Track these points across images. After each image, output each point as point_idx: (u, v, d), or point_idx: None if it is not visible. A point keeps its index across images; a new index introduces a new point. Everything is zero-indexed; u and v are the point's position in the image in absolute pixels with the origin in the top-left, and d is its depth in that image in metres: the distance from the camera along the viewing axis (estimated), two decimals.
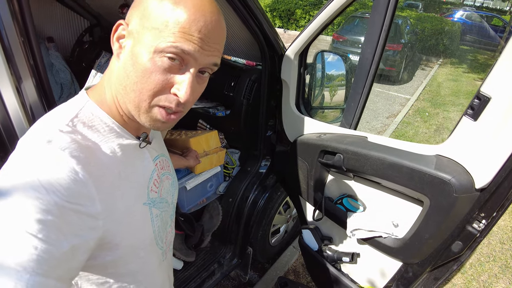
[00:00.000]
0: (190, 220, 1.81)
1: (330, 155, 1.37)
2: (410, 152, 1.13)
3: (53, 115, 0.59)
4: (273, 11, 14.28)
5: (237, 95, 1.80)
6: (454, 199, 0.98)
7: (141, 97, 0.57)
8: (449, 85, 7.94)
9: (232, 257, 1.99)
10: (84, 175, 0.53)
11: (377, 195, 1.31)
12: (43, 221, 0.46)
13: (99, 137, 0.60)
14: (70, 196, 0.50)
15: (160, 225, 0.75)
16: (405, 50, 8.08)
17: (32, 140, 0.54)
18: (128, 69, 0.57)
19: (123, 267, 0.66)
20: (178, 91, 0.57)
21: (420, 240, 1.12)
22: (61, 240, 0.48)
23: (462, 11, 15.45)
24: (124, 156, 0.63)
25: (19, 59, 0.80)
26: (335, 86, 1.75)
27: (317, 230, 1.63)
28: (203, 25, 0.54)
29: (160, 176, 0.76)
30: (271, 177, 2.01)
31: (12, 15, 0.77)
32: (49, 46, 2.34)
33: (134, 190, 0.65)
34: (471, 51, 11.98)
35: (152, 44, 0.54)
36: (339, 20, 11.75)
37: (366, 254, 1.42)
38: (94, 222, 0.55)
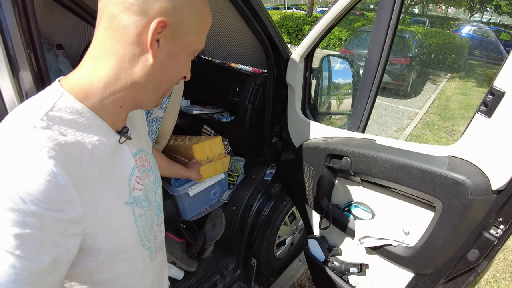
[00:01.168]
0: (192, 228, 1.76)
1: (337, 159, 1.32)
2: (421, 153, 1.08)
3: (23, 111, 0.53)
4: (281, 27, 14.49)
5: (242, 100, 1.78)
6: (469, 202, 0.92)
7: (171, 85, 0.67)
8: (458, 99, 7.87)
9: (235, 268, 1.93)
10: (64, 178, 0.48)
11: (387, 201, 1.25)
12: (20, 235, 0.42)
13: (78, 132, 0.54)
14: (50, 203, 0.46)
15: (145, 225, 0.71)
16: (413, 64, 8.08)
17: (1, 140, 0.48)
18: (169, 66, 0.62)
19: (108, 271, 0.63)
20: (189, 75, 0.69)
21: (433, 248, 1.06)
22: (41, 254, 0.44)
23: (470, 26, 15.48)
24: (103, 152, 0.58)
25: (22, 63, 0.78)
26: (342, 90, 1.71)
27: (324, 239, 1.56)
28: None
29: (141, 173, 0.71)
30: (277, 185, 1.96)
31: (17, 22, 0.75)
32: (58, 53, 2.36)
33: (114, 190, 0.61)
34: (480, 66, 11.95)
35: (192, 46, 0.63)
36: (347, 35, 11.87)
37: (375, 265, 1.35)
38: (75, 228, 0.51)
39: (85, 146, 0.55)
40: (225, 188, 1.96)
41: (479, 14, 34.38)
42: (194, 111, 1.90)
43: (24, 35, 0.77)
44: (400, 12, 1.13)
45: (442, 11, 38.47)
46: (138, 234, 0.68)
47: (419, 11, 33.47)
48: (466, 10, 29.83)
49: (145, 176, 0.74)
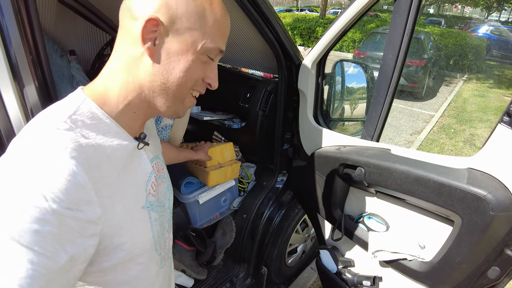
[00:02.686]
0: (202, 235, 1.74)
1: (350, 169, 1.28)
2: (438, 165, 1.03)
3: (48, 113, 0.56)
4: (293, 29, 14.44)
5: (252, 106, 1.75)
6: (490, 218, 0.87)
7: (184, 89, 0.63)
8: (475, 101, 7.69)
9: (245, 276, 1.90)
10: (84, 178, 0.50)
11: (402, 213, 1.20)
12: (39, 232, 0.43)
13: (98, 136, 0.57)
14: (70, 203, 0.47)
15: (159, 230, 0.72)
16: (428, 65, 7.93)
17: (26, 140, 0.51)
18: (171, 66, 0.60)
19: (122, 273, 0.64)
20: (212, 81, 0.66)
21: (451, 264, 1.01)
22: (59, 252, 0.45)
23: (487, 26, 15.15)
24: (122, 157, 0.61)
25: (26, 76, 0.77)
26: (356, 96, 1.67)
27: (336, 251, 1.52)
28: (228, 23, 0.65)
29: (157, 178, 0.73)
30: (288, 193, 1.93)
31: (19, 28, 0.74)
32: (71, 59, 2.38)
33: (132, 193, 0.63)
34: (498, 66, 11.67)
35: (196, 44, 0.59)
36: (360, 37, 11.75)
37: (389, 279, 1.30)
38: (93, 228, 0.52)
39: (104, 150, 0.57)
40: (235, 195, 1.93)
41: (497, 13, 33.65)
42: (205, 117, 1.89)
43: (29, 48, 0.76)
44: (416, 17, 1.09)
45: (458, 10, 37.81)
46: (153, 238, 0.70)
47: (434, 11, 32.96)
48: (483, 9, 29.25)
49: (160, 182, 0.76)
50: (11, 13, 0.73)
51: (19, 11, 0.74)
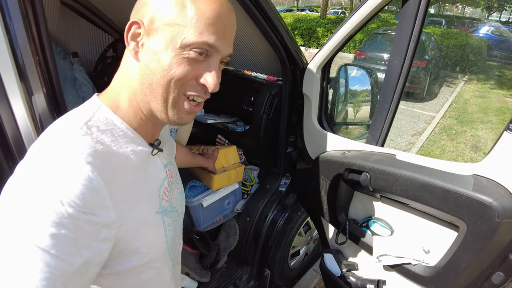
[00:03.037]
0: (205, 238, 1.74)
1: (355, 174, 1.28)
2: (444, 172, 1.03)
3: (65, 120, 0.57)
4: (294, 29, 14.43)
5: (256, 110, 1.76)
6: (496, 225, 0.87)
7: (169, 89, 0.58)
8: (476, 102, 7.69)
9: (248, 279, 1.90)
10: (99, 183, 0.50)
11: (406, 218, 1.21)
12: (56, 235, 0.44)
13: (113, 142, 0.58)
14: (85, 207, 0.48)
15: (172, 235, 0.73)
16: (429, 66, 7.92)
17: (44, 145, 0.52)
18: (152, 66, 0.57)
19: (136, 277, 0.64)
20: (207, 81, 0.60)
21: (456, 270, 1.01)
22: (74, 255, 0.46)
23: (488, 27, 15.15)
24: (136, 162, 0.61)
25: (32, 77, 0.77)
26: (360, 101, 1.67)
27: (340, 254, 1.53)
28: (223, 14, 0.57)
29: (170, 184, 0.74)
30: (291, 196, 1.93)
31: (26, 31, 0.75)
32: (74, 61, 2.39)
33: (147, 198, 0.64)
34: (499, 67, 11.65)
35: (176, 40, 0.55)
36: (361, 37, 11.74)
37: (393, 283, 1.31)
38: (108, 232, 0.52)
39: (119, 155, 0.58)
40: (239, 198, 1.94)
41: (497, 14, 33.62)
42: (209, 120, 1.89)
43: (36, 50, 0.77)
44: (422, 24, 1.09)
45: (458, 10, 37.78)
46: (167, 243, 0.70)
47: (435, 11, 32.95)
48: (484, 9, 29.23)
49: (173, 188, 0.76)
50: (19, 16, 0.73)
51: (27, 14, 0.74)
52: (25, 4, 0.73)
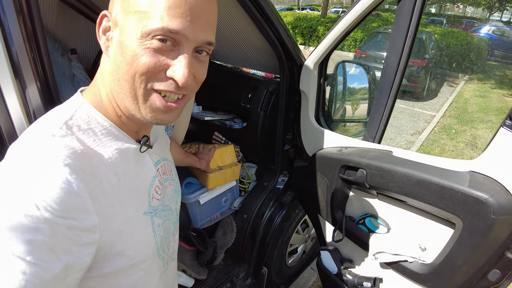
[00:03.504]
0: (202, 235, 1.74)
1: (351, 171, 1.28)
2: (440, 168, 1.03)
3: (46, 119, 0.55)
4: (295, 28, 14.41)
5: (254, 107, 1.75)
6: (491, 222, 0.87)
7: (135, 84, 0.53)
8: (476, 102, 7.68)
9: (245, 276, 1.90)
10: (79, 186, 0.48)
11: (403, 215, 1.20)
12: (32, 241, 0.42)
13: (96, 141, 0.55)
14: (63, 211, 0.46)
15: (162, 235, 0.70)
16: (430, 65, 7.93)
17: (22, 147, 0.50)
18: (118, 60, 0.53)
19: (123, 278, 0.62)
20: (174, 73, 0.53)
21: (452, 267, 1.01)
22: (53, 261, 0.44)
23: (489, 26, 15.13)
24: (122, 162, 0.59)
25: (27, 73, 0.77)
26: (357, 98, 1.66)
27: (337, 252, 1.52)
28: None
29: (162, 182, 0.71)
30: (289, 194, 1.93)
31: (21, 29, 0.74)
32: (72, 58, 2.39)
33: (134, 199, 0.61)
34: (499, 67, 11.65)
35: (137, 28, 0.50)
36: (362, 36, 11.73)
37: (390, 280, 1.30)
38: (90, 237, 0.50)
39: (102, 155, 0.55)
40: (236, 195, 1.93)
41: (498, 13, 33.58)
42: (206, 117, 1.89)
43: (30, 46, 0.76)
44: (419, 21, 1.08)
45: (459, 10, 37.73)
46: (156, 244, 0.68)
47: (436, 11, 32.90)
48: (485, 9, 29.19)
49: (167, 184, 0.74)
50: (13, 12, 0.73)
51: (21, 9, 0.74)
52: None
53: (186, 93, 0.58)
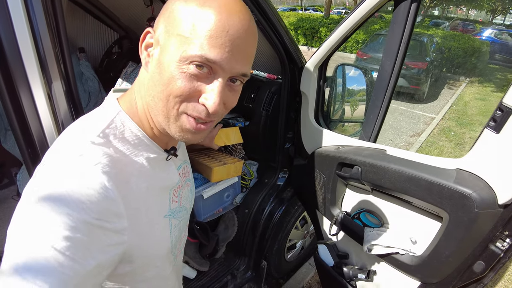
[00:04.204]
0: (205, 229, 1.81)
1: (348, 168, 1.35)
2: (430, 166, 1.10)
3: (84, 125, 0.59)
4: (297, 29, 14.46)
5: (256, 106, 1.82)
6: (475, 215, 0.94)
7: (169, 105, 0.55)
8: (476, 104, 7.73)
9: (246, 269, 1.97)
10: (114, 192, 0.53)
11: (396, 210, 1.27)
12: (71, 238, 0.46)
13: (129, 150, 0.59)
14: (99, 214, 0.50)
15: (177, 235, 0.75)
16: (431, 68, 7.96)
17: (63, 152, 0.54)
18: (155, 78, 0.55)
19: (140, 275, 0.67)
20: (206, 101, 0.54)
21: (439, 258, 1.08)
22: (87, 258, 0.48)
23: (491, 30, 15.13)
24: (151, 170, 0.63)
25: (52, 68, 0.84)
26: (355, 99, 1.73)
27: (334, 245, 1.59)
28: (231, 26, 0.51)
29: (182, 184, 0.76)
30: (289, 190, 2.00)
31: (48, 27, 0.82)
32: (80, 56, 2.46)
33: (157, 203, 0.66)
34: (500, 70, 11.67)
35: (177, 51, 0.52)
36: (364, 38, 11.77)
37: (383, 272, 1.37)
38: (120, 238, 0.55)
39: (134, 163, 0.59)
40: (238, 191, 2.00)
41: (502, 17, 33.52)
42: None
43: (54, 44, 0.84)
44: (413, 27, 1.15)
45: (463, 13, 37.66)
46: (171, 243, 0.72)
47: (439, 13, 32.86)
48: (488, 12, 29.16)
49: (185, 186, 0.78)
50: (41, 12, 0.80)
51: (47, 9, 0.81)
52: (46, 1, 0.80)
53: (215, 119, 0.60)
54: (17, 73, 0.80)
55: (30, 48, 0.79)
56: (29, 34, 0.79)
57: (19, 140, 0.86)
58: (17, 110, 0.83)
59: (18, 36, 0.78)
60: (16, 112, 0.83)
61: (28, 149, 0.87)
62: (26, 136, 0.85)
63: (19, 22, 0.78)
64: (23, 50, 0.79)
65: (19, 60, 0.79)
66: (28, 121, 0.85)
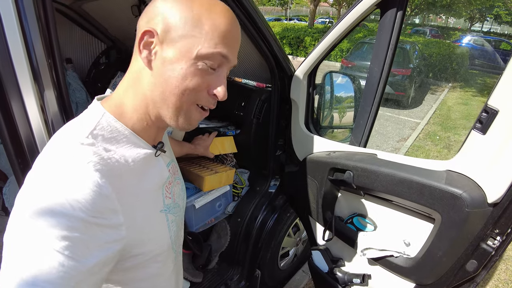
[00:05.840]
0: (198, 239, 1.79)
1: (339, 173, 1.37)
2: (420, 168, 1.12)
3: (71, 128, 0.60)
4: (282, 38, 14.63)
5: (247, 114, 1.83)
6: (466, 214, 0.96)
7: (183, 99, 0.61)
8: (459, 109, 7.92)
9: (239, 279, 1.95)
10: (108, 189, 0.54)
11: (388, 213, 1.29)
12: (69, 237, 0.47)
13: (118, 148, 0.61)
14: (95, 211, 0.51)
15: (175, 230, 0.77)
16: (414, 74, 8.14)
17: (53, 156, 0.55)
18: (166, 75, 0.59)
19: (142, 271, 0.68)
20: (219, 92, 0.63)
21: (433, 259, 1.10)
22: (87, 256, 0.49)
23: (470, 37, 15.62)
24: (141, 166, 0.64)
25: (45, 77, 0.83)
26: (344, 105, 1.76)
27: (327, 251, 1.60)
28: (233, 27, 0.62)
29: (172, 181, 0.78)
30: (281, 197, 2.00)
31: (41, 36, 0.81)
32: (67, 67, 2.44)
33: (151, 199, 0.67)
34: (480, 75, 12.03)
35: (192, 51, 0.58)
36: (348, 46, 11.98)
37: (378, 276, 1.38)
38: (117, 234, 0.56)
39: (125, 160, 0.61)
40: (230, 200, 2.00)
41: (479, 24, 34.64)
42: (201, 124, 1.95)
43: (48, 57, 0.83)
44: (399, 35, 1.19)
45: (442, 21, 38.76)
46: (171, 238, 0.74)
47: (419, 21, 33.75)
48: (466, 20, 30.12)
49: (176, 184, 0.81)
50: (34, 19, 0.80)
51: (40, 18, 0.81)
52: (38, 8, 0.80)
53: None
54: (8, 82, 0.79)
55: (22, 57, 0.79)
56: (21, 42, 0.78)
57: (9, 151, 0.85)
58: (8, 120, 0.82)
59: (10, 45, 0.78)
60: (7, 122, 0.82)
61: (18, 160, 0.86)
62: (17, 146, 0.84)
63: (11, 31, 0.77)
64: (15, 59, 0.78)
65: (11, 69, 0.79)
66: (19, 131, 0.83)
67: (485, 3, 22.18)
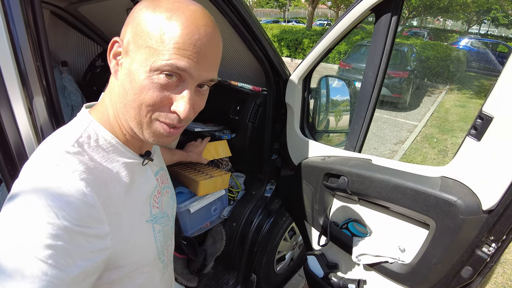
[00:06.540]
0: (193, 244, 1.78)
1: (334, 178, 1.36)
2: (415, 174, 1.12)
3: (57, 137, 0.60)
4: (280, 40, 14.64)
5: (242, 118, 1.82)
6: (460, 221, 0.95)
7: (141, 113, 0.57)
8: (457, 111, 7.93)
9: (235, 284, 1.94)
10: (93, 197, 0.53)
11: (383, 219, 1.28)
12: (53, 246, 0.46)
13: (104, 157, 0.60)
14: (80, 220, 0.51)
15: (162, 240, 0.76)
16: (411, 77, 8.15)
17: (39, 164, 0.54)
18: (126, 87, 0.57)
19: (128, 283, 0.67)
20: (177, 108, 0.57)
21: (428, 265, 1.09)
22: (70, 265, 0.48)
23: (468, 39, 15.68)
24: (128, 175, 0.64)
25: (33, 81, 0.82)
26: (339, 110, 1.76)
27: (323, 256, 1.59)
28: (197, 40, 0.54)
29: (161, 190, 0.77)
30: (276, 202, 1.99)
31: (29, 40, 0.80)
32: (63, 70, 2.43)
33: (137, 208, 0.66)
34: (477, 77, 12.05)
35: (147, 62, 0.54)
36: (346, 48, 12.00)
37: (373, 281, 1.37)
38: (103, 244, 0.55)
39: (110, 170, 0.60)
40: (225, 204, 1.98)
41: (477, 26, 34.80)
42: (196, 128, 1.95)
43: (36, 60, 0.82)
44: (393, 40, 1.18)
45: (440, 23, 38.91)
46: (157, 249, 0.73)
47: (417, 24, 33.88)
48: (464, 22, 30.26)
49: (164, 193, 0.79)
50: (22, 23, 0.78)
51: (28, 21, 0.80)
52: (27, 11, 0.78)
53: (186, 123, 0.63)
54: None
55: (10, 62, 0.77)
56: (9, 47, 0.77)
57: None
58: None
59: None
60: None
61: (8, 167, 0.84)
62: (6, 152, 0.83)
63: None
64: (2, 64, 0.77)
65: None
66: (8, 138, 0.82)
67: (483, 6, 22.29)
